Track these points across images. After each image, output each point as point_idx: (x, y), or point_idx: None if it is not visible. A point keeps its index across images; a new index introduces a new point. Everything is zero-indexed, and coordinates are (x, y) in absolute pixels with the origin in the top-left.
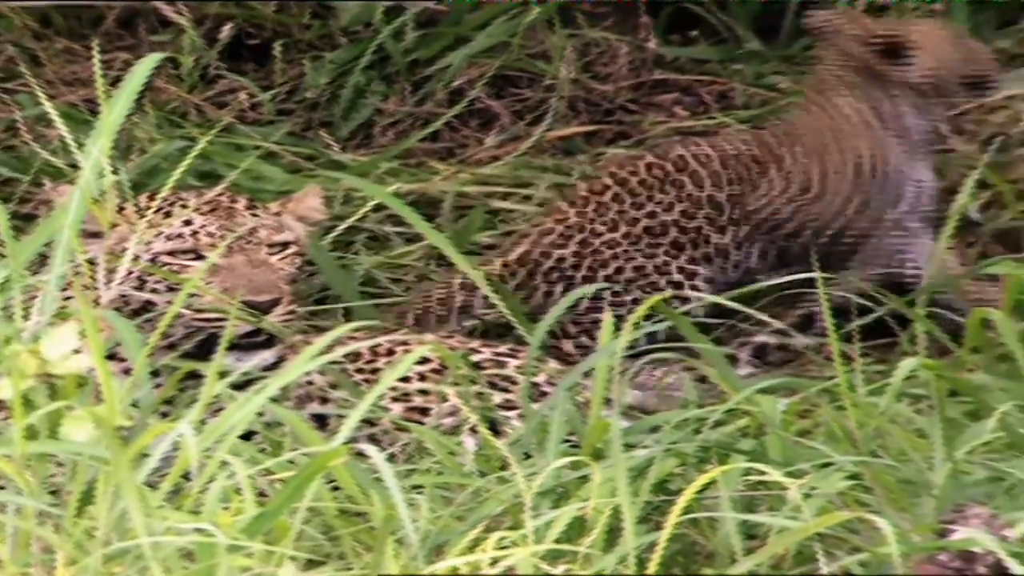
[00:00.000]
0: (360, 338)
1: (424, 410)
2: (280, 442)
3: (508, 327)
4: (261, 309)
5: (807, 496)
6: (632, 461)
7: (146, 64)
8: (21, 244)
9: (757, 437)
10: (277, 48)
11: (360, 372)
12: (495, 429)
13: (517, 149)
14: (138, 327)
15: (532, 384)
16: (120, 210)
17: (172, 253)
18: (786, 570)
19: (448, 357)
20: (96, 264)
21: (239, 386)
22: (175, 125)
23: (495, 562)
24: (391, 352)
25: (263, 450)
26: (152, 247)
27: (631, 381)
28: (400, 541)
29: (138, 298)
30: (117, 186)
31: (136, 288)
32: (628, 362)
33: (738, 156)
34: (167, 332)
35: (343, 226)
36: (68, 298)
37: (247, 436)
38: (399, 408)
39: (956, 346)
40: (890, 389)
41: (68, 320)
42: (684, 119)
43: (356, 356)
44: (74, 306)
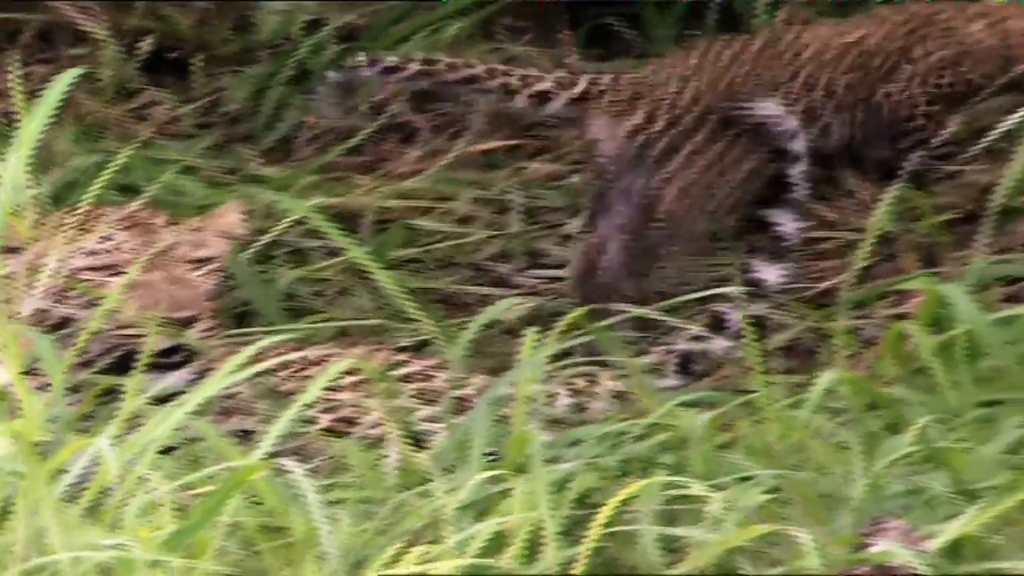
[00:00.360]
0: (282, 351)
1: (350, 422)
2: (201, 457)
3: None
4: (181, 325)
5: (727, 509)
6: (553, 475)
7: (65, 78)
8: None
9: (678, 451)
10: (197, 62)
11: (283, 384)
12: (420, 443)
13: (438, 163)
14: (57, 342)
15: (457, 398)
16: (39, 224)
17: (91, 268)
18: None
19: (372, 370)
20: (14, 279)
21: (159, 401)
22: (94, 139)
23: None
24: (315, 365)
25: (183, 465)
26: (71, 262)
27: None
28: (321, 556)
29: (57, 313)
30: (36, 200)
31: (55, 303)
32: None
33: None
34: (86, 348)
35: (264, 240)
36: None
37: (168, 451)
38: (323, 421)
39: (875, 359)
40: (809, 402)
41: None
42: None
43: (279, 369)
44: None
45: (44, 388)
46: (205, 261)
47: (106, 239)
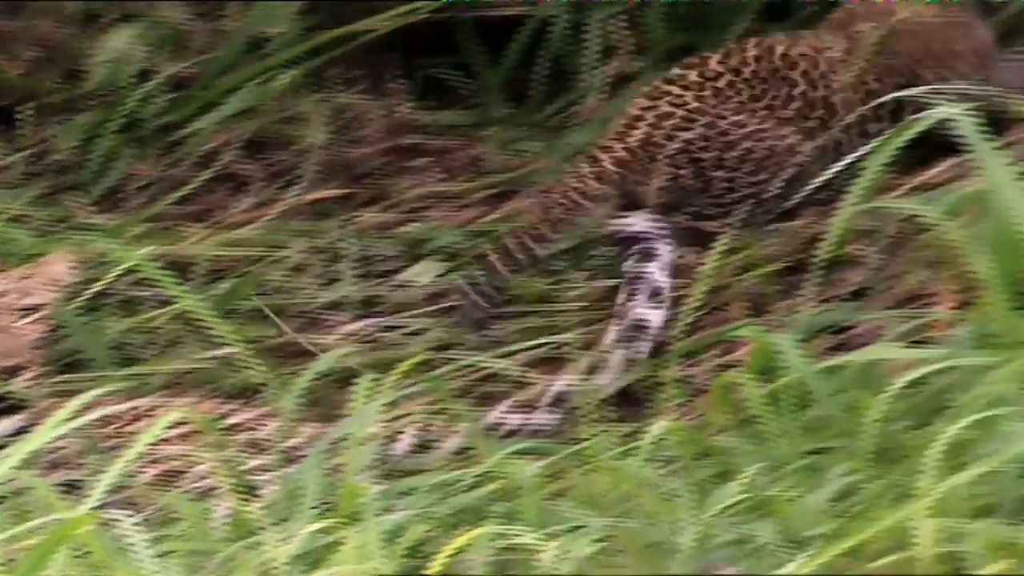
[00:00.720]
0: (112, 401)
1: (179, 473)
2: (27, 510)
3: None
4: (7, 374)
5: (559, 559)
6: (386, 525)
7: None
8: None
9: (510, 500)
10: (25, 111)
11: (112, 435)
12: (251, 493)
13: (270, 212)
14: None
15: (289, 447)
16: None
17: None
18: None
19: (202, 420)
20: None
21: None
22: None
23: None
24: (145, 415)
25: (9, 518)
26: None
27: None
28: None
29: None
30: None
31: None
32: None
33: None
34: None
35: (94, 289)
36: None
37: None
38: (152, 472)
39: (705, 408)
40: (640, 451)
41: None
42: (437, 183)
43: (108, 421)
44: None
45: None
46: (32, 310)
47: None
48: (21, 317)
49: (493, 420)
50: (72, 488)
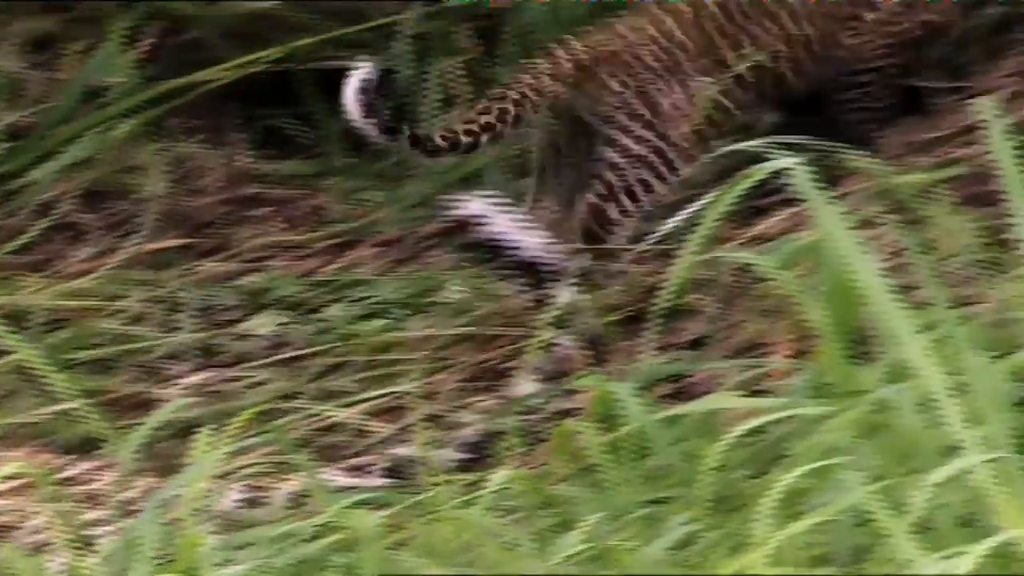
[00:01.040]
0: None
1: (12, 527)
2: None
3: None
4: None
5: None
6: None
7: None
8: None
9: (351, 551)
10: None
11: None
12: (87, 547)
13: (109, 262)
14: None
15: (126, 500)
16: None
17: None
18: None
19: (36, 473)
20: None
21: None
22: None
23: None
24: None
25: None
26: None
27: None
28: None
29: None
30: None
31: None
32: None
33: None
34: None
35: None
36: None
37: None
38: None
39: (546, 457)
40: (482, 501)
41: None
42: (278, 233)
43: None
44: None
45: None
46: None
47: None
48: None
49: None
50: None
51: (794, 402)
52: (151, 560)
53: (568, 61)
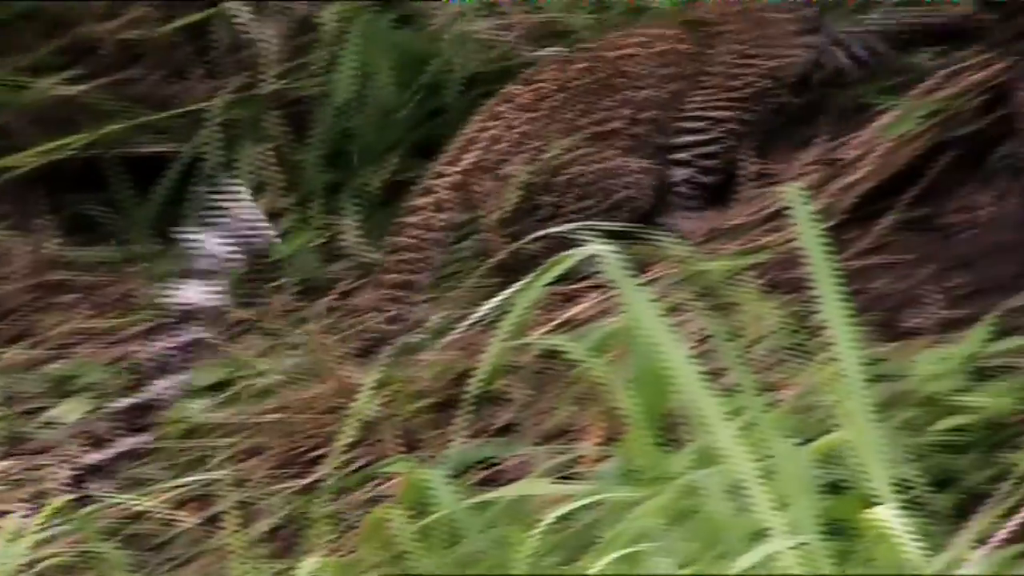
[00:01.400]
0: None
1: None
2: None
3: None
4: None
5: None
6: None
7: None
8: None
9: None
10: None
11: None
12: None
13: None
14: None
15: None
16: None
17: None
18: None
19: None
20: None
21: None
22: None
23: None
24: None
25: None
26: None
27: None
28: None
29: None
30: None
31: None
32: None
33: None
34: None
35: None
36: None
37: None
38: None
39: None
40: None
41: None
42: (85, 319)
43: None
44: None
45: None
46: None
47: None
48: None
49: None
50: None
51: (603, 488)
52: None
53: (446, 188)
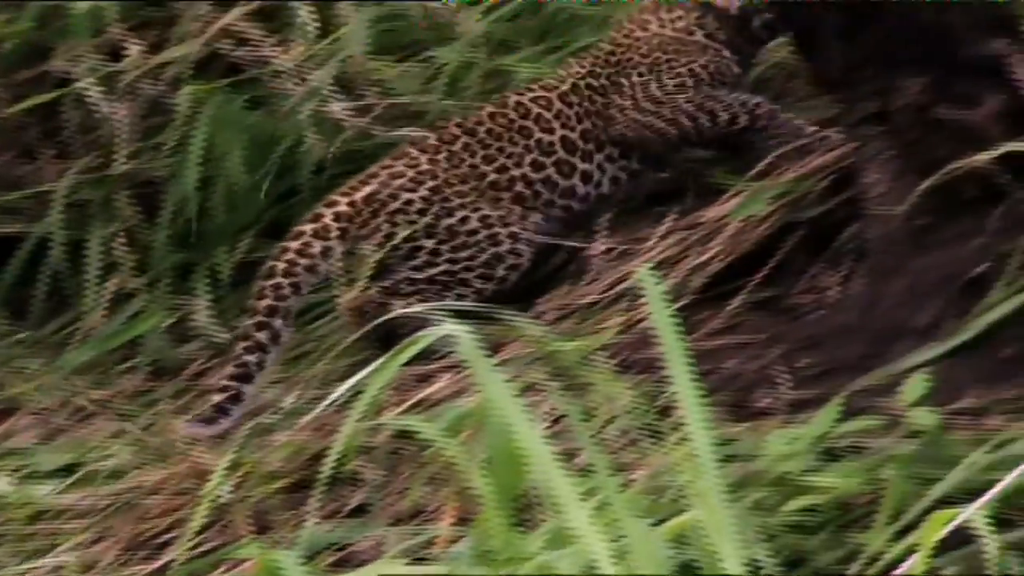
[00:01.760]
0: None
1: None
2: None
3: None
4: None
5: None
6: None
7: None
8: None
9: None
10: None
11: None
12: None
13: None
14: None
15: None
16: None
17: None
18: None
19: None
20: None
21: None
22: None
23: None
24: None
25: None
26: None
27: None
28: None
29: None
30: None
31: None
32: None
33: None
34: None
35: None
36: None
37: None
38: None
39: None
40: None
41: None
42: None
43: None
44: None
45: None
46: None
47: None
48: None
49: None
50: None
51: (458, 569)
52: None
53: (333, 217)
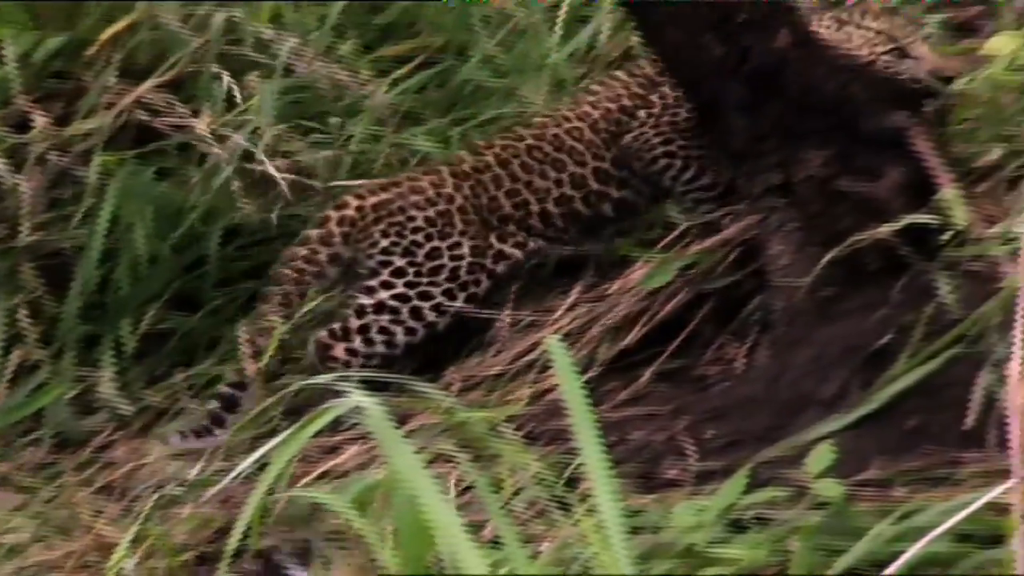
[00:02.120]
0: None
1: None
2: None
3: None
4: None
5: None
6: None
7: None
8: None
9: None
10: None
11: None
12: None
13: None
14: None
15: None
16: None
17: None
18: None
19: None
20: None
21: None
22: None
23: None
24: None
25: None
26: None
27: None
28: None
29: None
30: None
31: None
32: None
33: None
34: None
35: None
36: None
37: None
38: None
39: None
40: None
41: None
42: None
43: None
44: None
45: None
46: None
47: None
48: None
49: None
50: None
51: None
52: None
53: (337, 222)
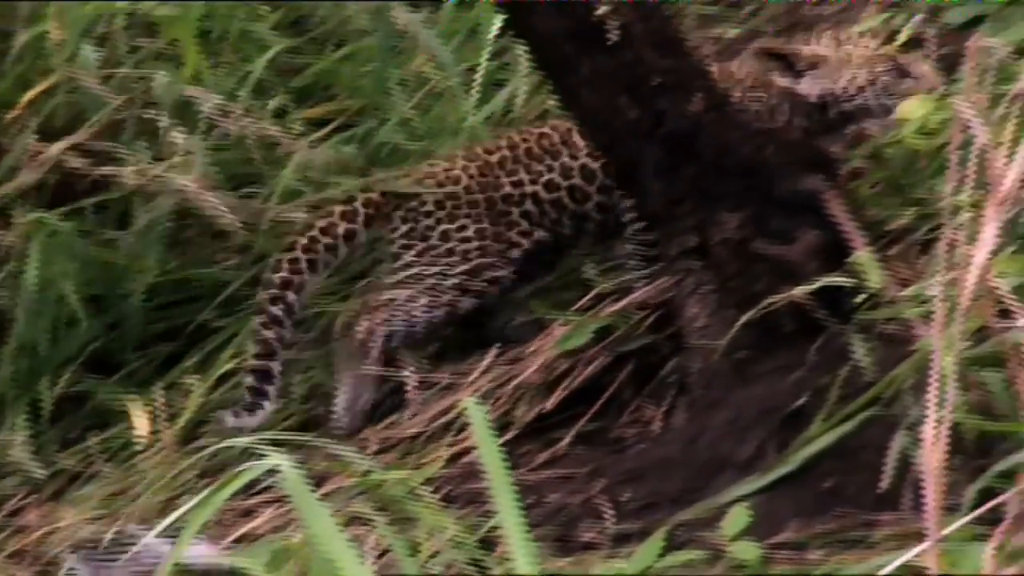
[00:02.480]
0: None
1: None
2: None
3: None
4: None
5: None
6: None
7: None
8: None
9: None
10: None
11: None
12: None
13: None
14: None
15: None
16: None
17: None
18: None
19: None
20: None
21: None
22: None
23: None
24: None
25: None
26: None
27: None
28: None
29: None
30: None
31: None
32: None
33: None
34: None
35: None
36: None
37: None
38: None
39: None
40: None
41: None
42: None
43: None
44: None
45: None
46: None
47: None
48: None
49: None
50: None
51: None
52: None
53: (363, 203)
